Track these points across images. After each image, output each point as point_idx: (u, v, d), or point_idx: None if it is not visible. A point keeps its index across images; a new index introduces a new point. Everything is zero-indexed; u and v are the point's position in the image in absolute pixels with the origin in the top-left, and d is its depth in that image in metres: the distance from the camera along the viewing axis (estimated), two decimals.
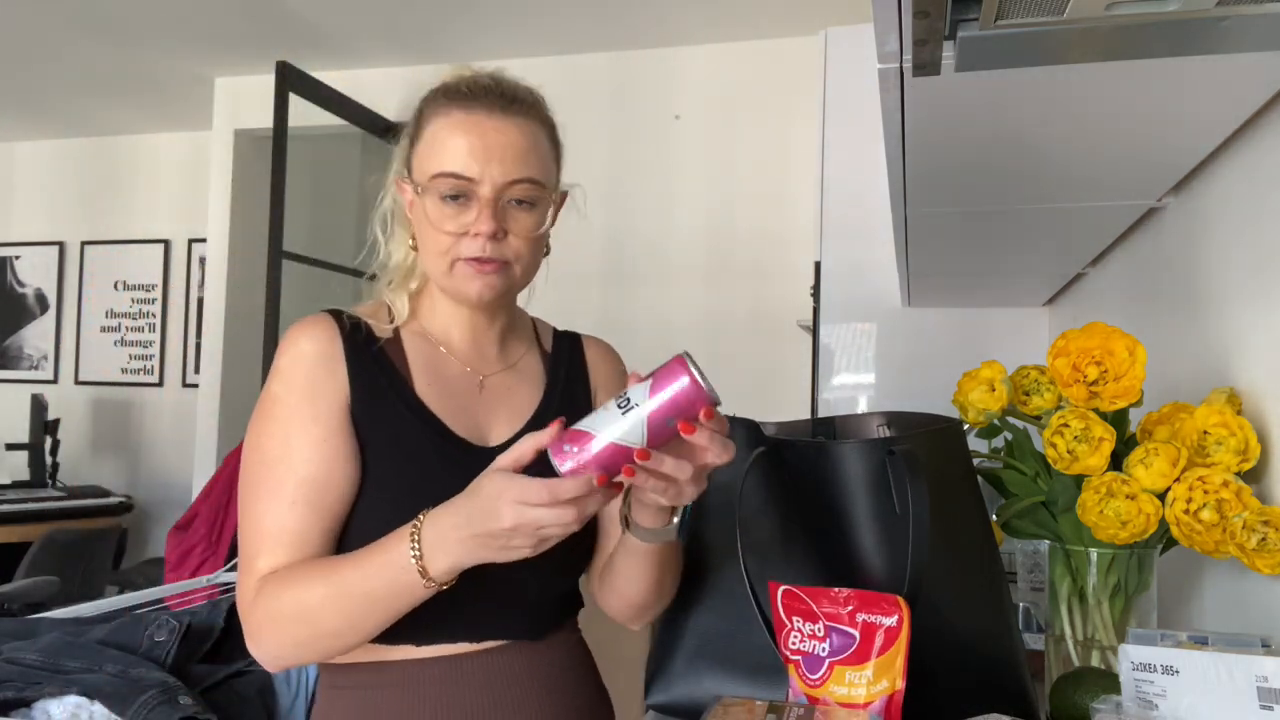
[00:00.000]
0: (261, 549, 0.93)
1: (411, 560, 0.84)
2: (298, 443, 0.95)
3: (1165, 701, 0.78)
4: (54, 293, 5.23)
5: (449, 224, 0.98)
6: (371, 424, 0.98)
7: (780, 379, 3.41)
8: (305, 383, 0.97)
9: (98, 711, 1.32)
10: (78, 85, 4.35)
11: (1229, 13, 0.66)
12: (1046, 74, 0.82)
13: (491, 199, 0.96)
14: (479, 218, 0.97)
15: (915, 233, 1.53)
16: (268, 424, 0.97)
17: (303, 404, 0.96)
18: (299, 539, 0.93)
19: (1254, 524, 0.89)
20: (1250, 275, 1.05)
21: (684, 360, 0.80)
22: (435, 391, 1.03)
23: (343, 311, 1.04)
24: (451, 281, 1.00)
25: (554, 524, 0.78)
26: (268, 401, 0.98)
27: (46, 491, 4.41)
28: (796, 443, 1.04)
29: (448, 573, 0.85)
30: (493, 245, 0.97)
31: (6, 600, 2.97)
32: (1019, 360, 1.16)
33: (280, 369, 0.99)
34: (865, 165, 2.42)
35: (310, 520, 0.94)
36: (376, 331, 1.04)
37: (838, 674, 0.86)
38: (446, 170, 0.97)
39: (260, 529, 0.94)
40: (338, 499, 0.95)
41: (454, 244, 0.98)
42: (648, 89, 3.72)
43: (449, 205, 0.98)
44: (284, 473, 0.94)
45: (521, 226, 0.99)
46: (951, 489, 0.97)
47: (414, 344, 1.06)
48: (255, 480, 0.96)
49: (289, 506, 0.93)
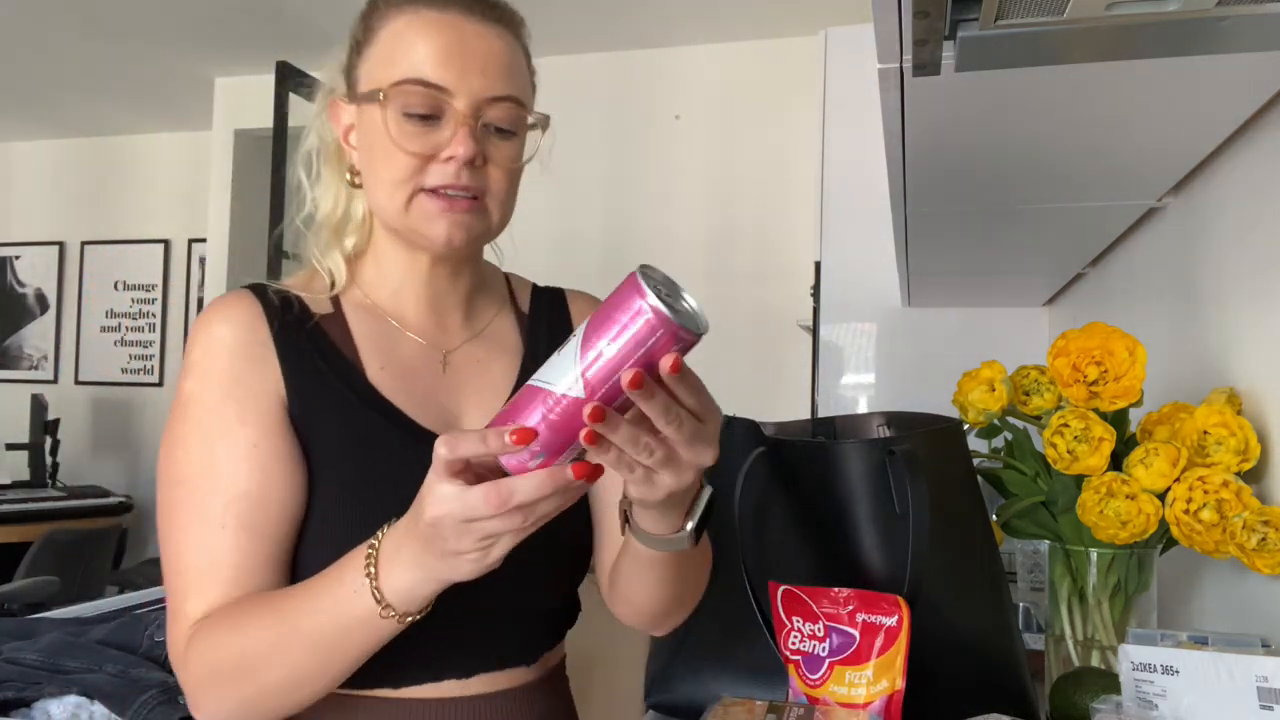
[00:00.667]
0: (190, 589, 0.75)
1: (365, 581, 0.66)
2: (223, 452, 0.77)
3: (1165, 701, 0.78)
4: (54, 293, 5.23)
5: (413, 142, 0.79)
6: (315, 422, 0.80)
7: (780, 379, 3.41)
8: (226, 378, 0.79)
9: (98, 711, 1.32)
10: (78, 85, 4.35)
11: (1229, 13, 0.66)
12: (1046, 74, 0.82)
13: (470, 116, 0.79)
14: (455, 138, 0.78)
15: (915, 233, 1.53)
16: (183, 433, 0.79)
17: (225, 404, 0.78)
18: (235, 571, 0.75)
19: (1254, 524, 0.89)
20: (1250, 275, 1.05)
21: (636, 280, 0.56)
22: (390, 376, 0.85)
23: (266, 286, 0.86)
24: (409, 220, 0.81)
25: (501, 531, 0.60)
26: (180, 405, 0.80)
27: (46, 491, 4.41)
28: (796, 443, 1.04)
29: (407, 596, 0.66)
30: (470, 173, 0.79)
31: (6, 600, 2.97)
32: (1019, 360, 1.16)
33: (193, 363, 0.80)
34: (865, 165, 2.42)
35: (248, 546, 0.76)
36: (311, 306, 0.85)
37: (838, 674, 0.86)
38: (415, 76, 0.78)
39: (185, 564, 0.76)
40: (281, 517, 0.77)
41: (417, 170, 0.79)
42: (648, 89, 3.72)
43: (411, 123, 0.79)
44: (208, 491, 0.76)
45: (502, 155, 0.82)
46: (951, 489, 0.97)
47: (359, 318, 0.87)
48: (173, 504, 0.77)
49: (218, 532, 0.75)
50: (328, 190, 0.88)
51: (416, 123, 0.79)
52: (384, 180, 0.81)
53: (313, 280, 0.88)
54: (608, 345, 0.56)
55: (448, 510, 0.59)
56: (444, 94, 0.78)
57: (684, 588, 0.83)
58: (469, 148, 0.78)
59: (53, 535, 3.70)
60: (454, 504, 0.59)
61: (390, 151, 0.79)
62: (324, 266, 0.88)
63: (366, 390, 0.83)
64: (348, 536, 0.71)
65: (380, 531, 0.67)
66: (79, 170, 5.18)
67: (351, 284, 0.89)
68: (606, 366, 0.56)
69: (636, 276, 0.56)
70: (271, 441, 0.78)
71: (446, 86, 0.78)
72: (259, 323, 0.82)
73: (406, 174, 0.79)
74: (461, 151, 0.78)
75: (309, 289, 0.87)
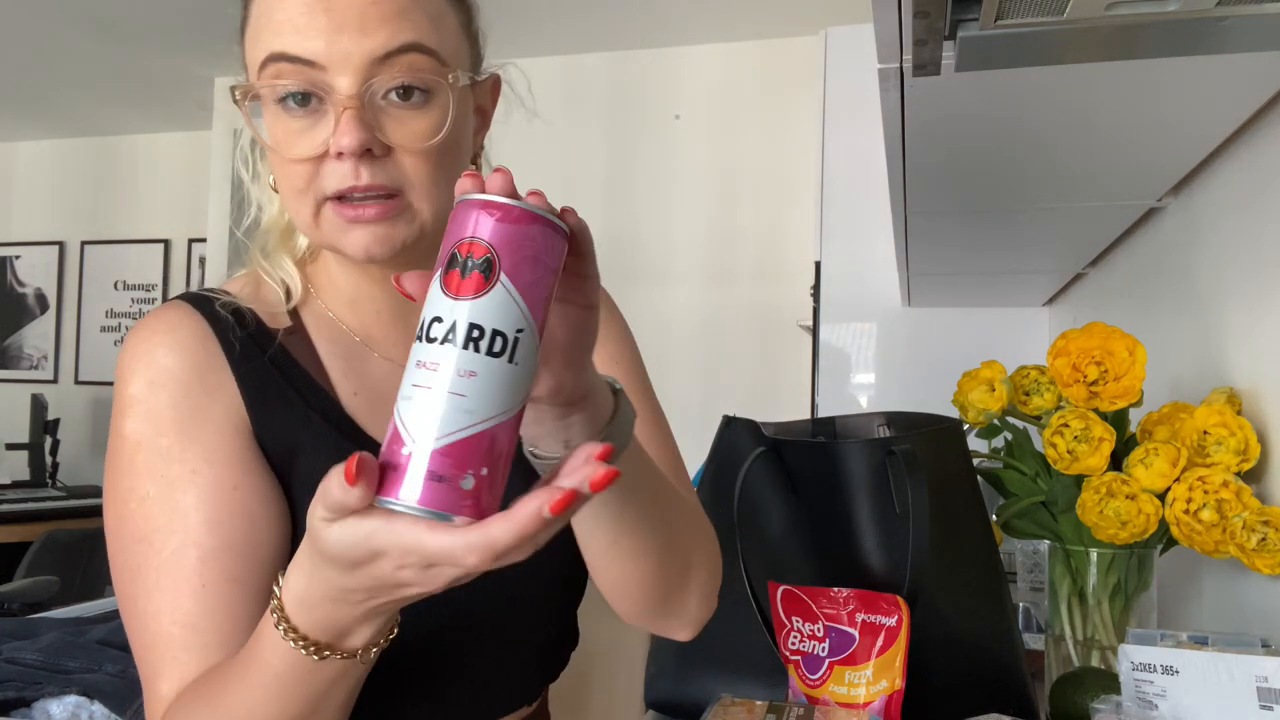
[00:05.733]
0: (162, 664, 0.63)
1: (279, 633, 0.53)
2: (191, 500, 0.64)
3: (1165, 701, 0.78)
4: (54, 293, 5.23)
5: (297, 145, 0.63)
6: (290, 460, 0.68)
7: (780, 379, 3.41)
8: (181, 414, 0.66)
9: (98, 711, 1.32)
10: (78, 85, 4.35)
11: (1229, 13, 0.66)
12: (1046, 74, 0.82)
13: (353, 90, 0.61)
14: (338, 127, 0.61)
15: (915, 233, 1.53)
16: (135, 483, 0.65)
17: (184, 445, 0.65)
18: (218, 634, 0.63)
19: (1254, 524, 0.89)
20: (1250, 275, 1.05)
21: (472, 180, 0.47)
22: (363, 402, 0.73)
23: (211, 297, 0.71)
24: (323, 235, 0.66)
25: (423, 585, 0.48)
26: (124, 451, 0.66)
27: (46, 491, 4.41)
28: (796, 443, 1.04)
29: (326, 629, 0.52)
30: (369, 169, 0.62)
31: (6, 600, 2.97)
32: (1019, 360, 1.16)
33: (134, 400, 0.66)
34: (865, 165, 2.42)
35: (234, 602, 0.63)
36: (267, 321, 0.72)
37: (837, 674, 0.86)
38: (274, 50, 0.62)
39: (156, 633, 0.63)
40: (270, 564, 0.65)
41: (311, 174, 0.64)
42: (648, 89, 3.71)
43: (292, 115, 0.63)
44: (179, 546, 0.63)
45: (410, 131, 0.63)
46: (951, 489, 0.97)
47: (322, 333, 0.74)
48: (135, 566, 0.64)
49: (197, 592, 0.63)
50: (268, 189, 0.75)
51: (296, 114, 0.63)
52: (285, 192, 0.67)
53: (261, 288, 0.74)
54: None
55: (414, 559, 0.46)
56: (312, 68, 0.61)
57: (662, 538, 0.68)
58: (354, 136, 0.61)
59: (53, 535, 3.70)
60: (424, 551, 0.45)
61: (278, 159, 0.65)
62: (274, 277, 0.74)
63: (343, 421, 0.71)
64: None
65: (277, 579, 0.54)
66: (79, 170, 5.18)
67: (308, 293, 0.75)
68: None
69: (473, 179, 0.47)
70: (251, 481, 0.66)
71: (312, 58, 0.61)
72: (210, 344, 0.68)
73: (302, 182, 0.64)
74: (346, 142, 0.61)
75: (259, 299, 0.73)
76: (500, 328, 0.45)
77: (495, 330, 0.44)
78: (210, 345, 0.68)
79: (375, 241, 0.64)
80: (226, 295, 0.72)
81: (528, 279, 0.45)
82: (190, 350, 0.68)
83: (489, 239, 0.45)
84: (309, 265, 0.76)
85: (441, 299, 0.45)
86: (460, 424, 0.44)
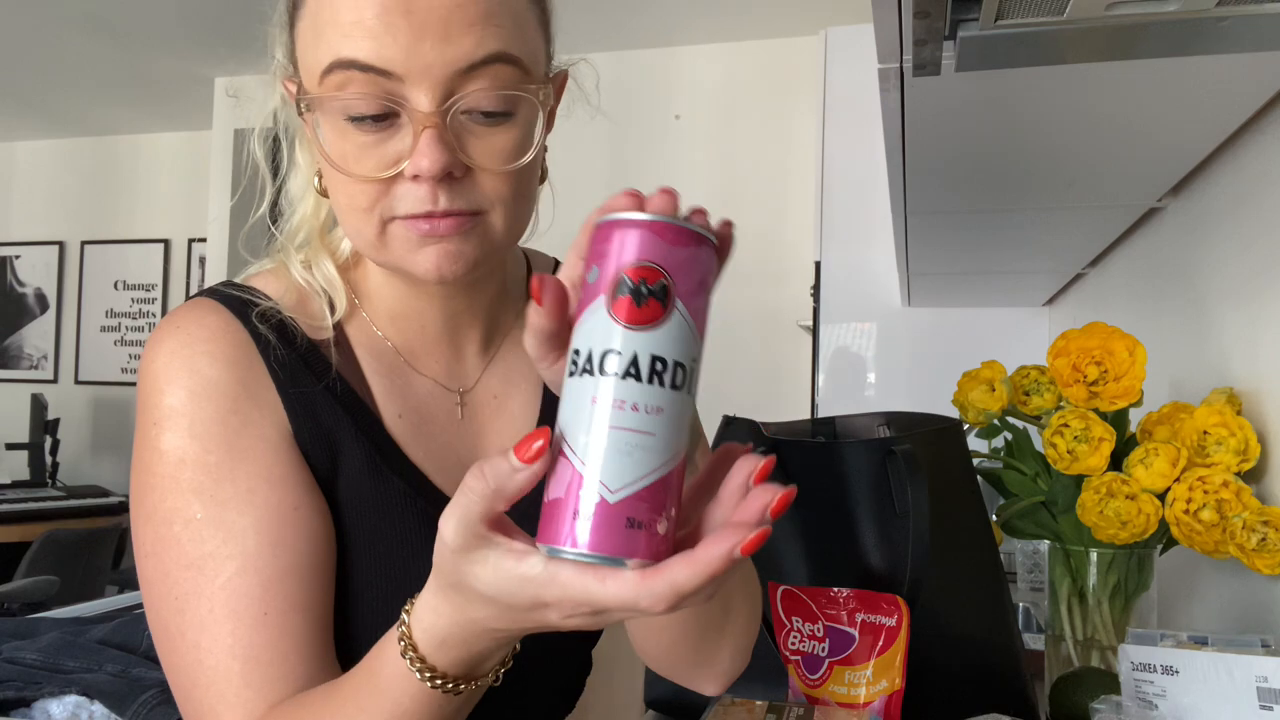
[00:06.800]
0: (221, 704, 0.58)
1: (413, 672, 0.50)
2: (248, 521, 0.59)
3: (1165, 701, 0.78)
4: (54, 292, 5.23)
5: (365, 162, 0.58)
6: (339, 487, 0.65)
7: (780, 379, 3.41)
8: (230, 429, 0.61)
9: (98, 711, 1.31)
10: (78, 85, 4.35)
11: (1229, 13, 0.66)
12: (1046, 74, 0.82)
13: (434, 107, 0.56)
14: (417, 146, 0.56)
15: (915, 233, 1.53)
16: (179, 503, 0.59)
17: (234, 460, 0.60)
18: (284, 666, 0.58)
19: (1254, 524, 0.89)
20: (1250, 275, 1.05)
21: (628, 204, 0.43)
22: (408, 425, 0.68)
23: (247, 300, 0.65)
24: (388, 255, 0.61)
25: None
26: (164, 468, 0.60)
27: (46, 491, 4.40)
28: (797, 443, 1.04)
29: (463, 664, 0.50)
30: (447, 193, 0.57)
31: (6, 600, 2.97)
32: (1019, 360, 1.16)
33: (174, 412, 0.61)
34: (865, 165, 2.42)
35: (302, 630, 0.59)
36: (310, 334, 0.66)
37: (837, 674, 0.86)
38: (344, 58, 0.55)
39: (214, 670, 0.58)
40: (330, 586, 0.63)
41: (380, 194, 0.58)
42: (648, 89, 3.72)
43: (361, 130, 0.57)
44: (235, 572, 0.58)
45: (494, 150, 0.58)
46: (951, 489, 0.97)
47: (365, 347, 0.69)
48: (182, 595, 0.59)
49: (259, 622, 0.58)
50: (304, 182, 0.68)
51: (365, 128, 0.57)
52: (344, 208, 0.61)
53: (301, 296, 0.68)
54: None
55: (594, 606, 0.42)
56: (390, 79, 0.55)
57: (709, 627, 0.66)
58: (436, 159, 0.55)
59: (52, 535, 3.69)
60: (607, 599, 0.41)
61: (340, 177, 0.59)
62: (316, 286, 0.68)
63: (386, 443, 0.67)
64: (375, 626, 0.56)
65: (407, 607, 0.51)
66: (79, 170, 5.18)
67: (351, 304, 0.70)
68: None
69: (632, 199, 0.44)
70: (313, 500, 0.62)
71: (389, 68, 0.55)
72: (251, 354, 0.63)
73: (367, 201, 0.59)
74: (426, 165, 0.56)
75: (301, 310, 0.67)
76: (680, 359, 0.42)
77: (677, 362, 0.42)
78: (252, 355, 0.63)
79: (448, 259, 0.59)
80: (264, 299, 0.66)
81: (699, 304, 0.43)
82: (234, 361, 0.62)
83: (663, 264, 0.41)
84: (351, 271, 0.71)
85: (613, 328, 0.41)
86: (651, 465, 0.41)
